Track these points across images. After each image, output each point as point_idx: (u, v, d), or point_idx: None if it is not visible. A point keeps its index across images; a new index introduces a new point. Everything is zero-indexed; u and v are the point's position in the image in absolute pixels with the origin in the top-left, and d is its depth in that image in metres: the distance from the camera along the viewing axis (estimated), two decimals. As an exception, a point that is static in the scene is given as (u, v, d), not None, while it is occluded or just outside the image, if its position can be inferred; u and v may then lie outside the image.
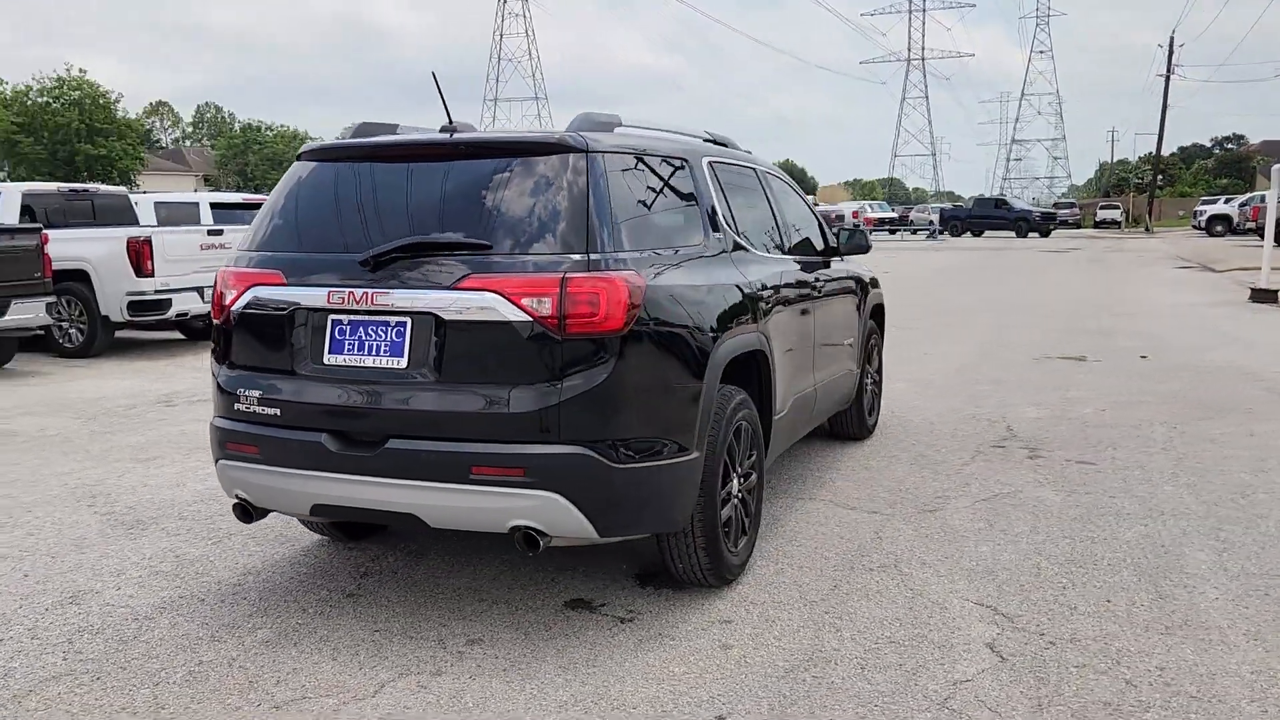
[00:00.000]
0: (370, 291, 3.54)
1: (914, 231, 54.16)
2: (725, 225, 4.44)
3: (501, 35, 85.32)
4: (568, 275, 3.39)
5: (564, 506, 3.41)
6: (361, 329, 3.59)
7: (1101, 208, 64.58)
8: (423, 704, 3.24)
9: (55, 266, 10.48)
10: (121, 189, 14.07)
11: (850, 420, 6.59)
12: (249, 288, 3.78)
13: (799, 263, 5.28)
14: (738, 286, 4.26)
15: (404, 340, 3.53)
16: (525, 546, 3.50)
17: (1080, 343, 11.53)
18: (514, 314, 3.38)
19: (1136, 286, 19.67)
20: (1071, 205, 66.46)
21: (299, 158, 4.02)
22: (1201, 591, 4.12)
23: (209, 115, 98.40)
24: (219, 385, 3.87)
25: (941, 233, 50.08)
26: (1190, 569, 4.37)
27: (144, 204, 14.40)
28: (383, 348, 3.55)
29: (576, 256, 3.44)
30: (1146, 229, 54.57)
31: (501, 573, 4.39)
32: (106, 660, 3.59)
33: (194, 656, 3.61)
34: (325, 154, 3.93)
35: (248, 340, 3.81)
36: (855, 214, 44.63)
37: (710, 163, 4.56)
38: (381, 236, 3.62)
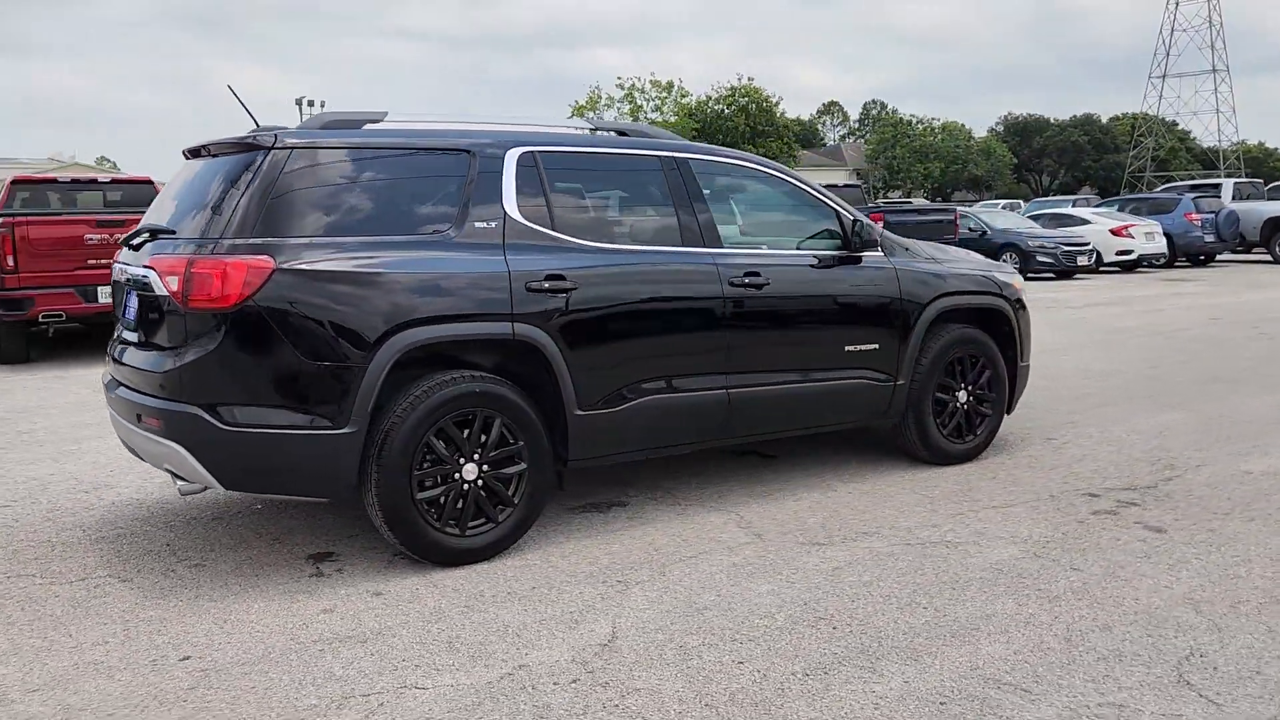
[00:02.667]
0: (126, 266, 4.42)
1: None
2: (515, 214, 4.44)
3: (1177, 4, 76.44)
4: (194, 257, 3.92)
5: (187, 457, 3.96)
6: (132, 297, 4.46)
7: None
8: (74, 598, 4.04)
9: None
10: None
11: (910, 438, 5.76)
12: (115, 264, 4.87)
13: (710, 255, 4.91)
14: (492, 276, 4.29)
15: (136, 308, 4.33)
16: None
17: None
18: (160, 289, 4.01)
19: None
20: None
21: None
22: (885, 678, 3.27)
23: (874, 112, 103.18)
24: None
25: None
26: (944, 656, 3.42)
27: None
28: (132, 313, 4.39)
29: (214, 240, 3.94)
30: None
31: (340, 523, 4.94)
32: (11, 523, 4.96)
33: (46, 534, 4.81)
34: (183, 153, 4.83)
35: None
36: None
37: (527, 154, 4.56)
38: (155, 223, 4.44)
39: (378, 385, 4.04)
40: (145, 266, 4.13)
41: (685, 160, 5.04)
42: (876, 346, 5.45)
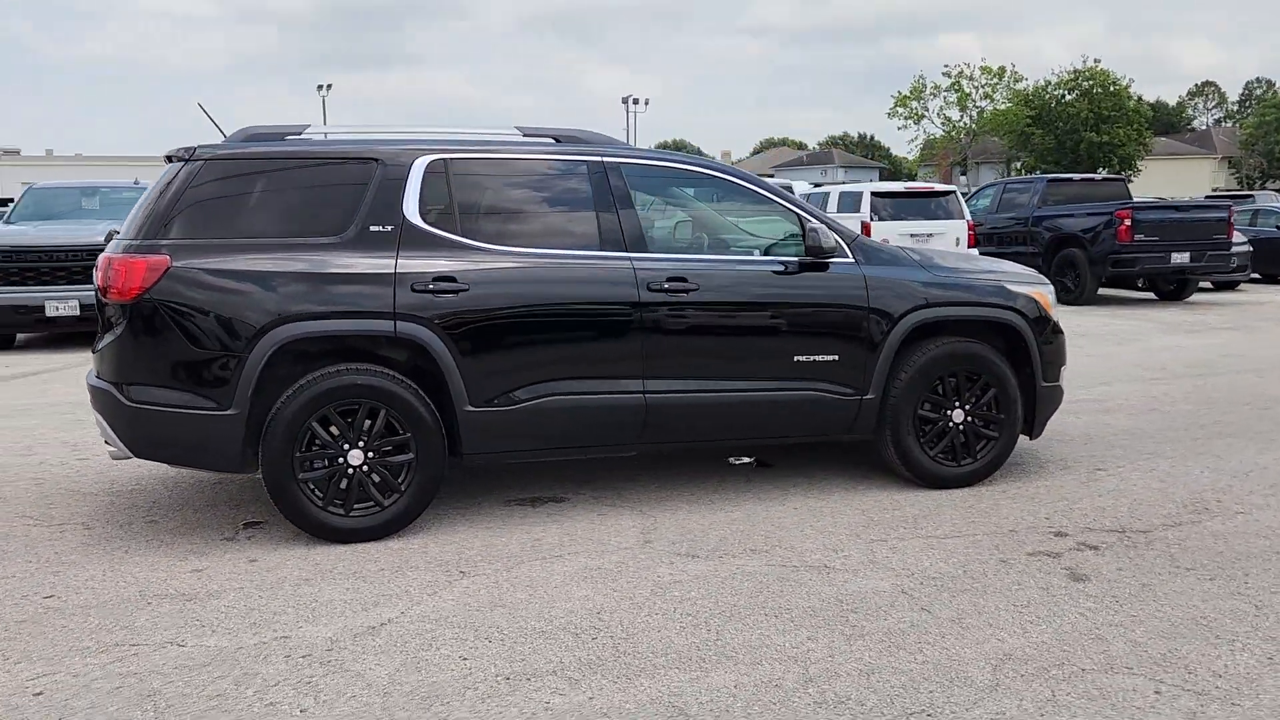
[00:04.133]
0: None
1: None
2: (415, 219, 4.69)
3: None
4: (111, 255, 4.55)
5: (106, 427, 4.62)
6: (106, 290, 5.18)
7: None
8: (35, 539, 4.81)
9: None
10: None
11: (889, 458, 5.39)
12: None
13: (628, 260, 4.89)
14: (376, 276, 4.57)
15: (100, 299, 5.05)
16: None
17: None
18: (97, 282, 4.68)
19: None
20: None
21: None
22: (577, 691, 3.27)
23: (1257, 92, 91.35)
24: None
25: None
26: (662, 679, 3.35)
27: None
28: (106, 302, 5.11)
29: (132, 241, 4.55)
30: None
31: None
32: (69, 474, 5.90)
33: (79, 485, 5.68)
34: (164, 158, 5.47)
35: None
36: None
37: (437, 162, 4.79)
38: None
39: (257, 373, 4.46)
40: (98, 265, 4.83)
41: (617, 165, 5.04)
42: (835, 358, 5.16)
